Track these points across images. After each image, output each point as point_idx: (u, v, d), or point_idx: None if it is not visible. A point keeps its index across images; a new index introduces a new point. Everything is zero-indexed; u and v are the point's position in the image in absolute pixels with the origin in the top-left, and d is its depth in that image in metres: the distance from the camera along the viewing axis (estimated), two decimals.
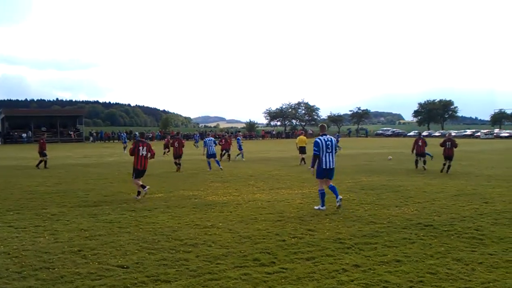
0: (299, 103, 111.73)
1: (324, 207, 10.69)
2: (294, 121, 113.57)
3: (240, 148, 30.24)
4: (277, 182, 16.04)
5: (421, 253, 6.84)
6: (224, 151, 27.80)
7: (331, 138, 10.94)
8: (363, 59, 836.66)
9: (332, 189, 10.82)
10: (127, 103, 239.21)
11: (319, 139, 10.77)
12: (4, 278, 5.76)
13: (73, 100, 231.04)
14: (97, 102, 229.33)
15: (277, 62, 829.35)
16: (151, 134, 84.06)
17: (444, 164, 19.28)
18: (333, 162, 10.85)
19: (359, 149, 40.34)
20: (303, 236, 7.93)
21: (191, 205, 11.29)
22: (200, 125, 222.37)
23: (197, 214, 10.06)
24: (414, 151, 21.03)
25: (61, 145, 58.94)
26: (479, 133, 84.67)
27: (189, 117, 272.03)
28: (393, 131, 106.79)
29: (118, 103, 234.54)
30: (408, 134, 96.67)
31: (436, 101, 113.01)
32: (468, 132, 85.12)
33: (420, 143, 20.77)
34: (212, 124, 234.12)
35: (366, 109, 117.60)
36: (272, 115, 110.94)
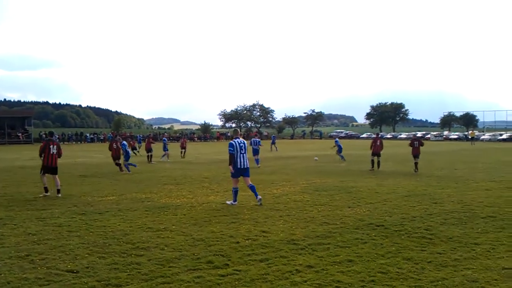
0: (254, 105, 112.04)
1: (235, 202, 11.75)
2: (249, 123, 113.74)
3: (165, 149, 30.95)
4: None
5: (372, 253, 6.96)
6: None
7: (243, 141, 12.15)
8: (318, 61, 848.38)
9: (252, 188, 11.89)
10: (78, 104, 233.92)
11: (234, 141, 11.98)
12: None
13: (22, 100, 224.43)
14: (47, 103, 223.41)
15: (232, 64, 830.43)
16: (103, 136, 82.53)
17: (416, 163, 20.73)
18: (247, 162, 12.03)
19: (313, 150, 40.75)
20: (257, 237, 7.94)
21: (144, 208, 11.12)
22: (154, 126, 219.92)
23: (149, 217, 9.92)
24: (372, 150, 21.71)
25: (8, 147, 57.10)
26: (429, 135, 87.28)
27: (142, 119, 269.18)
28: (347, 133, 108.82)
29: (69, 104, 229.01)
30: (361, 136, 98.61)
31: (387, 104, 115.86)
32: (419, 134, 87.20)
33: (378, 143, 21.68)
34: (166, 126, 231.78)
35: (320, 112, 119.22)
36: (227, 117, 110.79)
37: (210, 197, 12.85)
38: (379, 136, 24.25)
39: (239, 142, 12.02)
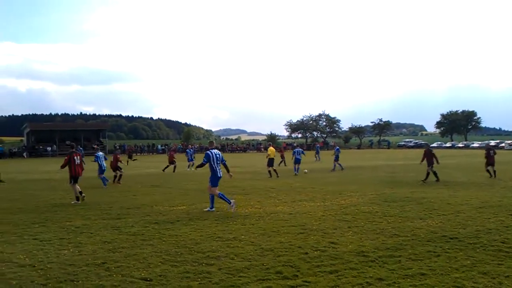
0: (320, 115, 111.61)
1: (213, 209, 12.53)
2: (315, 133, 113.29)
3: (190, 160, 33.04)
4: (298, 194, 15.98)
5: (446, 266, 6.73)
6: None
7: (218, 152, 13.02)
8: (385, 68, 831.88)
9: (222, 196, 12.51)
10: (149, 117, 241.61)
11: (210, 152, 12.84)
12: None
13: (97, 114, 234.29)
14: (120, 116, 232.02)
15: (298, 74, 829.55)
16: (173, 146, 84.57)
17: (488, 171, 22.12)
18: (221, 172, 12.92)
19: (381, 160, 39.98)
20: (326, 249, 7.87)
21: (213, 217, 11.31)
22: (222, 137, 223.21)
23: (219, 226, 10.07)
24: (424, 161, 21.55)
25: (85, 159, 59.56)
26: (503, 144, 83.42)
27: (210, 130, 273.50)
28: (416, 142, 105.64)
29: (141, 117, 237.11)
30: (432, 145, 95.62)
31: (459, 112, 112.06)
32: (492, 143, 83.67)
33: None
34: (234, 137, 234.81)
35: (388, 121, 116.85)
36: (293, 127, 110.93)
37: (278, 207, 12.87)
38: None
39: (215, 153, 12.84)
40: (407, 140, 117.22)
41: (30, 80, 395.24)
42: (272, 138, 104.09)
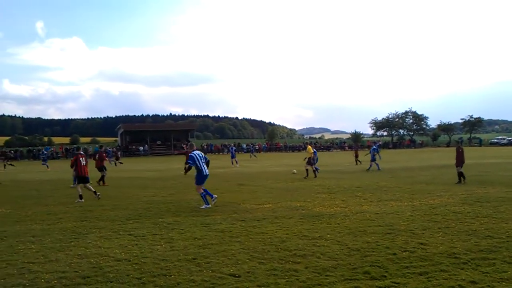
0: (406, 112, 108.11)
1: (209, 205, 13.15)
2: (401, 130, 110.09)
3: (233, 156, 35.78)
4: (385, 193, 15.67)
5: None
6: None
7: (200, 153, 13.92)
8: (473, 57, 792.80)
9: (204, 196, 13.33)
10: (235, 117, 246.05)
11: (193, 153, 13.62)
12: (125, 283, 6.14)
13: (185, 114, 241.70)
14: (207, 116, 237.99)
15: (382, 69, 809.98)
16: (257, 146, 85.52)
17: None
18: (207, 170, 13.69)
19: (472, 159, 38.23)
20: (415, 250, 7.68)
21: (299, 215, 11.36)
22: (305, 136, 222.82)
23: (304, 225, 10.10)
24: None
25: (174, 157, 61.90)
26: None
27: (294, 129, 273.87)
28: (510, 140, 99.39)
29: (227, 117, 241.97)
30: None
31: None
32: None
33: None
34: (317, 135, 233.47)
35: (479, 117, 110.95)
36: (378, 125, 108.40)
37: (364, 207, 12.70)
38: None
39: (198, 153, 13.70)
40: (500, 137, 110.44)
41: (122, 83, 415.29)
42: (356, 137, 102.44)
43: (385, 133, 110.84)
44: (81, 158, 16.00)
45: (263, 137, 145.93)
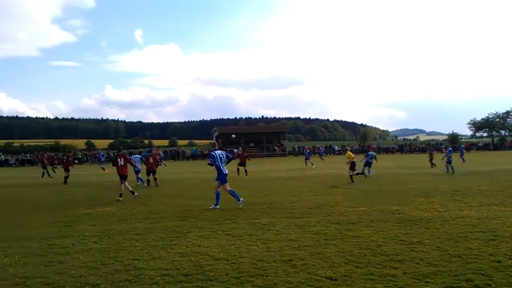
0: (508, 112, 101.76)
1: (217, 206, 13.76)
2: (502, 131, 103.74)
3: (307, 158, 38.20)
4: (487, 197, 14.88)
5: None
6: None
7: (222, 152, 14.53)
8: None
9: (233, 193, 14.02)
10: (326, 118, 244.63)
11: (214, 153, 14.22)
12: (224, 282, 6.32)
13: (277, 117, 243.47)
14: (298, 118, 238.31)
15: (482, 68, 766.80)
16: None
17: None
18: (226, 169, 14.29)
19: None
20: None
21: (395, 219, 11.09)
22: (399, 138, 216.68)
23: (401, 229, 9.85)
24: None
25: (266, 159, 62.59)
26: None
27: (387, 130, 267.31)
28: None
29: (318, 119, 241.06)
30: None
31: None
32: None
33: None
34: (411, 137, 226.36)
35: None
36: (477, 125, 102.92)
37: (464, 211, 12.15)
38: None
39: (219, 153, 14.28)
40: None
41: (216, 87, 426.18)
42: (453, 138, 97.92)
43: (485, 134, 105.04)
44: (119, 159, 17.74)
45: (355, 138, 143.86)
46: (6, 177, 36.70)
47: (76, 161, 55.47)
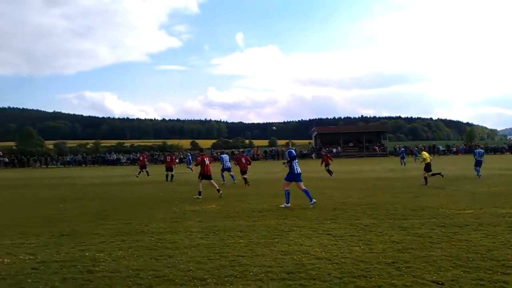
0: None
1: (288, 204, 14.05)
2: None
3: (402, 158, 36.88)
4: None
5: None
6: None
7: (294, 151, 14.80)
8: None
9: (306, 192, 14.17)
10: (429, 117, 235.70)
11: (290, 150, 14.70)
12: (327, 282, 6.35)
13: (376, 116, 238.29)
14: (399, 117, 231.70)
15: None
16: (455, 148, 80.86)
17: None
18: (299, 168, 14.46)
19: None
20: None
21: (506, 223, 10.48)
22: (508, 137, 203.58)
23: None
24: None
25: (366, 159, 61.56)
26: None
27: (495, 129, 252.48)
28: None
29: (420, 118, 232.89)
30: None
31: None
32: None
33: None
34: None
35: None
36: None
37: None
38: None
39: (295, 151, 14.29)
40: None
41: (315, 87, 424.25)
42: None
43: None
44: (205, 158, 18.27)
45: (460, 138, 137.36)
46: (118, 175, 39.01)
47: (177, 160, 57.55)
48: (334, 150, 75.33)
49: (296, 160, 14.49)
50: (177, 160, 49.60)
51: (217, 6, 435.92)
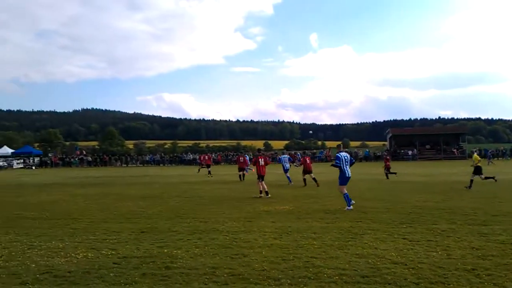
0: None
1: (350, 207, 13.93)
2: None
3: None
4: None
5: None
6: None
7: (346, 154, 14.64)
8: None
9: (347, 197, 14.13)
10: (510, 119, 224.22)
11: (340, 154, 14.42)
12: (403, 287, 6.27)
13: (455, 117, 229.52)
14: (479, 119, 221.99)
15: None
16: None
17: None
18: (350, 172, 14.46)
19: None
20: None
21: None
22: None
23: None
24: None
25: (444, 162, 59.60)
26: None
27: None
28: None
29: (501, 119, 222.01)
30: None
31: None
32: None
33: None
34: None
35: None
36: None
37: None
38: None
39: (344, 155, 14.44)
40: None
41: (390, 88, 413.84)
42: None
43: None
44: (260, 159, 18.67)
45: None
46: (194, 174, 39.96)
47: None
48: (410, 152, 73.37)
49: (347, 164, 14.44)
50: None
51: (292, 7, 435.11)
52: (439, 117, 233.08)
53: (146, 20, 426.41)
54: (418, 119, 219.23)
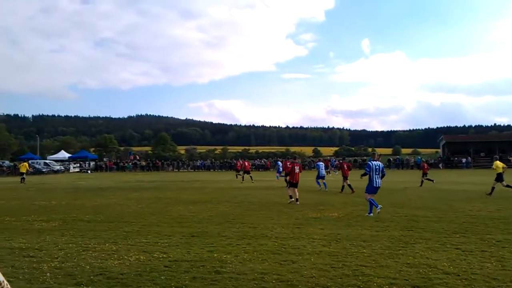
0: None
1: (378, 209, 14.21)
2: None
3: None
4: None
5: None
6: None
7: (379, 163, 14.60)
8: None
9: (372, 202, 14.29)
10: None
11: (371, 163, 14.49)
12: None
13: (511, 125, 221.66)
14: None
15: None
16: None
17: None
18: (380, 182, 14.61)
19: None
20: None
21: None
22: None
23: None
24: None
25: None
26: None
27: None
28: None
29: None
30: None
31: None
32: None
33: None
34: None
35: None
36: None
37: None
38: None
39: (375, 164, 14.45)
40: None
41: (443, 94, 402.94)
42: None
43: None
44: (296, 167, 18.55)
45: None
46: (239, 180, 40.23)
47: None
48: (464, 160, 71.32)
49: (378, 173, 14.51)
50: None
51: (344, 13, 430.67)
52: (495, 124, 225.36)
53: (199, 27, 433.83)
54: (473, 126, 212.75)
